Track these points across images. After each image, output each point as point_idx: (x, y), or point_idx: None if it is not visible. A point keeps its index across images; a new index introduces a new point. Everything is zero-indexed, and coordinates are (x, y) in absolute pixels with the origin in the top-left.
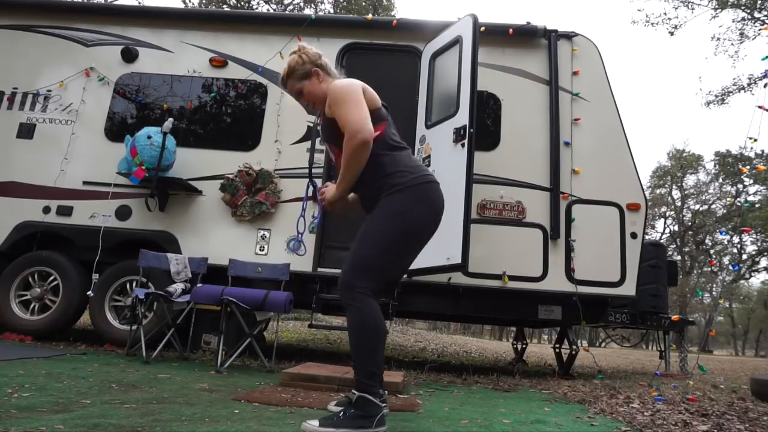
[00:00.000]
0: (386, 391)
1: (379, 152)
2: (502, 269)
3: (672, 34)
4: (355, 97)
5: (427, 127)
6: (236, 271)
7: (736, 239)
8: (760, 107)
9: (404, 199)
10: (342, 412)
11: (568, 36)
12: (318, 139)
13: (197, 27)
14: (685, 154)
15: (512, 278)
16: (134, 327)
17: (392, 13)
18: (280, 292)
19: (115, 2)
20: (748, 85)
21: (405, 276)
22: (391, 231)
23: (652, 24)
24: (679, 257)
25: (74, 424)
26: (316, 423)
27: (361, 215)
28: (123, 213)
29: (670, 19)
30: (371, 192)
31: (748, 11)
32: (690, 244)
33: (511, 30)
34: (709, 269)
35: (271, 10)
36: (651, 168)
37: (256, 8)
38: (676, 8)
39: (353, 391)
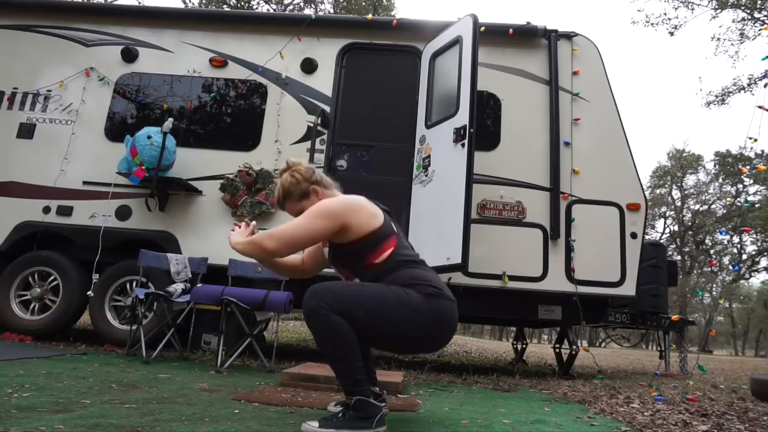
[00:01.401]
0: (385, 391)
1: (391, 269)
2: (502, 269)
3: (672, 34)
4: (317, 220)
5: (427, 127)
6: (236, 271)
7: (736, 239)
8: (760, 107)
9: (423, 301)
10: (341, 414)
11: (568, 36)
12: (318, 139)
13: (197, 27)
14: (685, 154)
15: (512, 278)
16: (134, 327)
17: (392, 13)
18: (280, 292)
19: (115, 2)
20: (748, 85)
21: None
22: (392, 311)
23: (652, 24)
24: (679, 257)
25: (74, 424)
26: (315, 424)
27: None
28: (123, 213)
29: (670, 19)
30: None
31: (748, 11)
32: (690, 244)
33: (511, 30)
34: (709, 269)
35: (271, 10)
36: (651, 168)
37: (256, 8)
38: (676, 8)
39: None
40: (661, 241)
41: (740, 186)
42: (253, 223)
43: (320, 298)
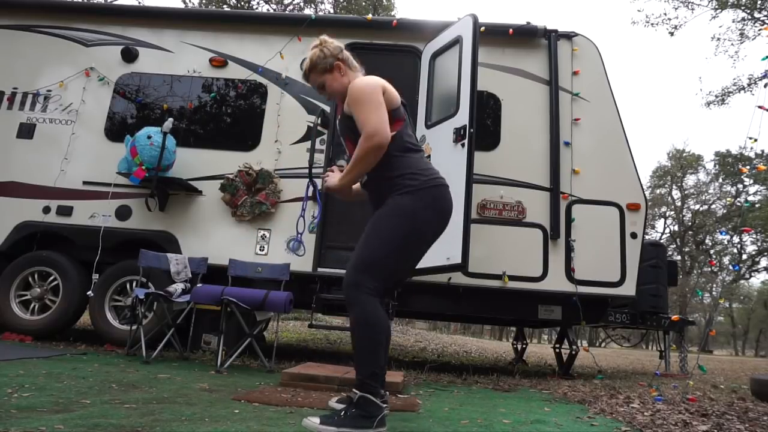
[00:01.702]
0: (387, 392)
1: (392, 152)
2: (502, 269)
3: (672, 34)
4: (375, 98)
5: (427, 127)
6: (236, 271)
7: (736, 239)
8: (760, 107)
9: (413, 202)
10: (343, 411)
11: (568, 36)
12: (318, 139)
13: (197, 27)
14: (685, 154)
15: (512, 278)
16: (134, 327)
17: (392, 13)
18: (280, 292)
19: (115, 2)
20: (748, 85)
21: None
22: (398, 232)
23: (652, 24)
24: (679, 257)
25: (74, 424)
26: (317, 420)
27: (362, 215)
28: (123, 213)
29: (670, 19)
30: (380, 190)
31: (748, 11)
32: (690, 244)
33: (511, 30)
34: (709, 269)
35: (271, 10)
36: (651, 168)
37: (256, 8)
38: (676, 8)
39: (354, 390)
40: (661, 241)
41: (740, 186)
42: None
43: (357, 282)
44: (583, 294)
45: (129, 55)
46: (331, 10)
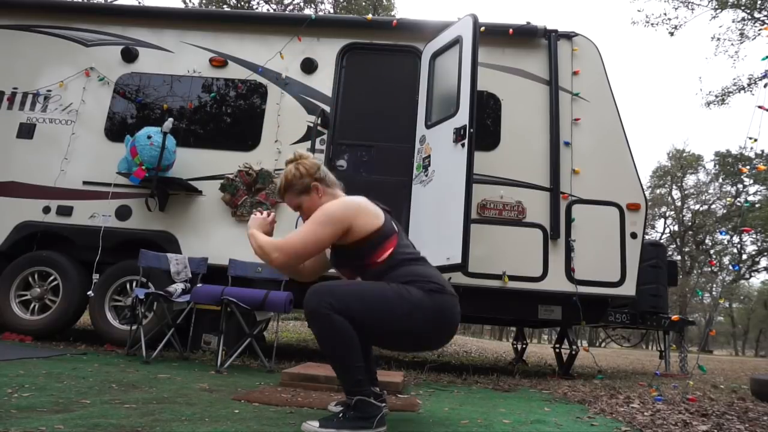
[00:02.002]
0: (385, 391)
1: (392, 267)
2: (502, 269)
3: (672, 34)
4: (322, 228)
5: (427, 127)
6: (236, 271)
7: (736, 239)
8: (760, 107)
9: (424, 297)
10: (342, 414)
11: (568, 36)
12: (318, 139)
13: (197, 27)
14: (685, 154)
15: (512, 278)
16: (134, 327)
17: (392, 13)
18: (280, 292)
19: (115, 2)
20: (748, 85)
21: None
22: (396, 309)
23: (652, 24)
24: (679, 257)
25: (74, 424)
26: (316, 424)
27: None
28: (123, 213)
29: (670, 19)
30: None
31: (748, 11)
32: (690, 244)
33: (511, 30)
34: (709, 269)
35: (271, 10)
36: (651, 168)
37: (256, 8)
38: (676, 8)
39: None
40: (661, 241)
41: (740, 186)
42: (273, 214)
43: (321, 297)
44: (583, 294)
45: (129, 55)
46: (331, 10)
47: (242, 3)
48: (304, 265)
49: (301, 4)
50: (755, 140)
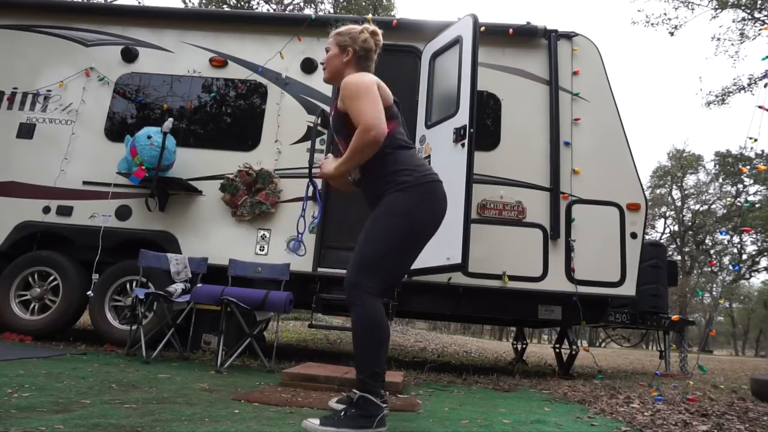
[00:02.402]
0: (387, 392)
1: (386, 149)
2: (502, 269)
3: (672, 34)
4: (371, 93)
5: (427, 127)
6: (236, 271)
7: (736, 239)
8: (760, 107)
9: (407, 198)
10: (343, 412)
11: (568, 36)
12: (318, 139)
13: (197, 27)
14: (685, 154)
15: (512, 278)
16: (134, 327)
17: (392, 13)
18: (280, 292)
19: (115, 2)
20: (748, 85)
21: (406, 276)
22: (394, 230)
23: (652, 24)
24: (679, 257)
25: (74, 424)
26: (317, 422)
27: (362, 215)
28: (123, 213)
29: (670, 19)
30: (374, 187)
31: (748, 11)
32: (690, 244)
33: (511, 30)
34: (709, 269)
35: (271, 10)
36: (651, 168)
37: (256, 8)
38: (676, 8)
39: (354, 390)
40: (661, 241)
41: (740, 186)
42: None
43: (358, 282)
44: (583, 294)
45: (129, 55)
46: (331, 10)
47: (242, 3)
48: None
49: (301, 4)
50: (755, 140)
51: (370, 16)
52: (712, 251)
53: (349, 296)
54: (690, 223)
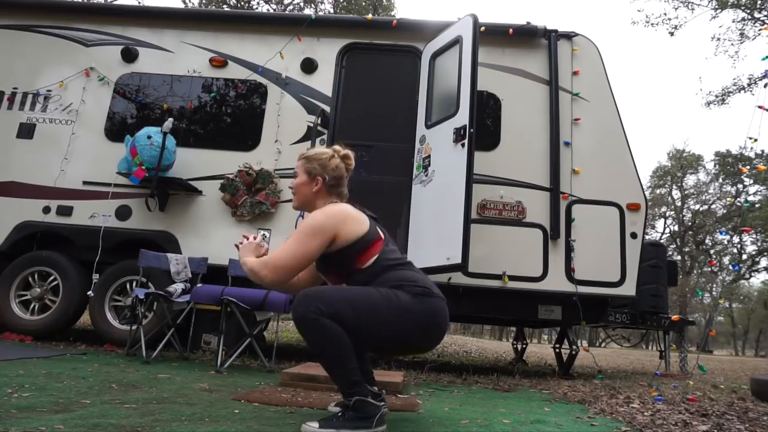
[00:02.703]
0: (384, 391)
1: (378, 273)
2: (502, 269)
3: (672, 34)
4: (309, 240)
5: (427, 127)
6: (236, 271)
7: (736, 239)
8: (760, 107)
9: (411, 301)
10: (341, 414)
11: (568, 36)
12: (318, 139)
13: (197, 27)
14: (685, 154)
15: (512, 278)
16: (134, 327)
17: (392, 13)
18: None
19: (115, 2)
20: (748, 85)
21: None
22: (382, 312)
23: (652, 24)
24: (679, 257)
25: (74, 424)
26: (316, 425)
27: (362, 205)
28: (123, 213)
29: (670, 19)
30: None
31: (748, 11)
32: (690, 244)
33: (511, 30)
34: (709, 269)
35: (271, 10)
36: (651, 168)
37: (256, 8)
38: (676, 9)
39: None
40: (661, 241)
41: (740, 186)
42: (260, 235)
43: (309, 303)
44: (583, 294)
45: (129, 55)
46: (331, 10)
47: (242, 3)
48: (298, 278)
49: (301, 4)
50: (755, 140)
51: (370, 16)
52: (712, 251)
53: (296, 321)
54: (690, 223)
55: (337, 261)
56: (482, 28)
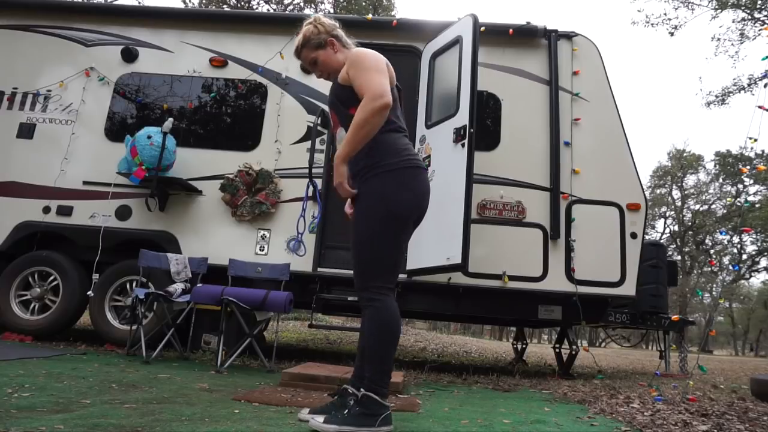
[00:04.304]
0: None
1: (381, 129)
2: (502, 269)
3: (672, 34)
4: (380, 66)
5: (427, 127)
6: (236, 271)
7: (736, 239)
8: (760, 107)
9: (383, 184)
10: (347, 410)
11: (568, 36)
12: (318, 139)
13: (197, 27)
14: (685, 154)
15: (512, 278)
16: (134, 327)
17: (392, 13)
18: (280, 292)
19: (115, 2)
20: (748, 85)
21: (405, 275)
22: (378, 222)
23: (652, 24)
24: (679, 257)
25: (74, 424)
26: (321, 419)
27: None
28: (123, 213)
29: (670, 19)
30: (357, 168)
31: (748, 11)
32: (690, 244)
33: (511, 30)
34: (709, 269)
35: (271, 10)
36: (651, 168)
37: (256, 8)
38: (676, 9)
39: (354, 390)
40: (661, 241)
41: (740, 186)
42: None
43: (365, 285)
44: (583, 294)
45: (129, 55)
46: (331, 10)
47: (242, 3)
48: None
49: (301, 4)
50: (755, 140)
51: (370, 16)
52: (712, 251)
53: (361, 300)
54: (690, 223)
55: (350, 98)
56: (482, 28)
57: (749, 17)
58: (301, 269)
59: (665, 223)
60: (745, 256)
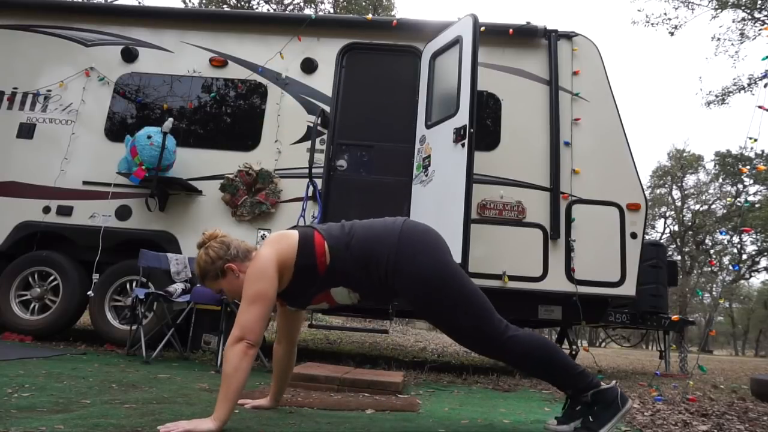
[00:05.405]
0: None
1: (344, 258)
2: (502, 269)
3: (672, 34)
4: (259, 293)
5: (427, 127)
6: None
7: (736, 239)
8: (760, 107)
9: (412, 262)
10: (590, 416)
11: (568, 36)
12: (318, 139)
13: (197, 27)
14: (685, 154)
15: (512, 278)
16: (134, 327)
17: (392, 13)
18: None
19: (115, 2)
20: (749, 85)
21: None
22: (445, 284)
23: (652, 24)
24: (679, 257)
25: (74, 424)
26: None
27: (363, 216)
28: (123, 213)
29: (670, 19)
30: (373, 284)
31: (748, 11)
32: (690, 244)
33: (511, 30)
34: (709, 269)
35: (271, 10)
36: (651, 168)
37: (256, 8)
38: (676, 8)
39: (585, 395)
40: (661, 241)
41: (740, 186)
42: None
43: (488, 338)
44: (583, 294)
45: (129, 55)
46: (331, 10)
47: (242, 3)
48: (280, 343)
49: (301, 4)
50: (755, 140)
51: (370, 16)
52: (712, 251)
53: (497, 353)
54: (690, 223)
55: (305, 284)
56: (482, 28)
57: (749, 17)
58: None
59: (665, 223)
60: (745, 256)
